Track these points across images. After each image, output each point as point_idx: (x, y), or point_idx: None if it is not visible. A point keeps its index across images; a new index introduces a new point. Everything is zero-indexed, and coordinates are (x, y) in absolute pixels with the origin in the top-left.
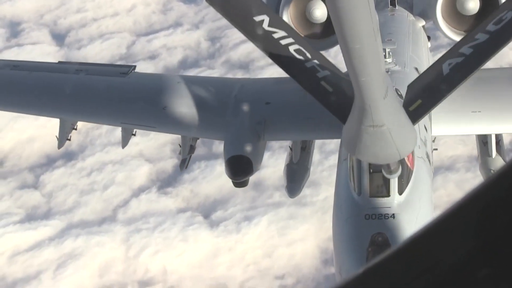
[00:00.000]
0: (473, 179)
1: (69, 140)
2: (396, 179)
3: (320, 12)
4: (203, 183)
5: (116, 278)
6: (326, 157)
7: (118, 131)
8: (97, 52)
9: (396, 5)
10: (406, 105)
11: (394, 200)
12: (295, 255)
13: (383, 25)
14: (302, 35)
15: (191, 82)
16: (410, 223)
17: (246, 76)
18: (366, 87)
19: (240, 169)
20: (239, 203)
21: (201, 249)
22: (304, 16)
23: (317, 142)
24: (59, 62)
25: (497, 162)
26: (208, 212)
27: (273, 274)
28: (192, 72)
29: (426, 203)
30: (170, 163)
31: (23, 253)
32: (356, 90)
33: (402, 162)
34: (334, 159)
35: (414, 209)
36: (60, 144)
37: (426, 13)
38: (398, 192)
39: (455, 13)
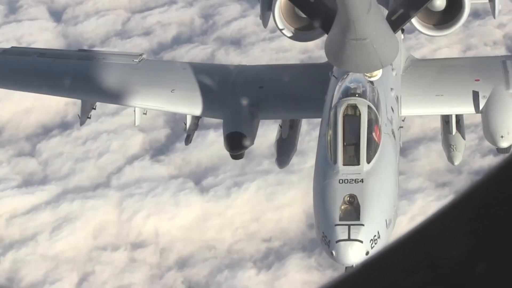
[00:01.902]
0: None
1: (89, 118)
2: (365, 151)
3: None
4: (194, 152)
5: (110, 240)
6: (313, 127)
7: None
8: (93, 29)
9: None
10: (389, 16)
11: (363, 168)
12: (282, 220)
13: None
14: (292, 28)
15: (194, 68)
16: (376, 187)
17: (238, 51)
18: (349, 1)
19: (237, 144)
20: (229, 170)
21: (192, 213)
22: (294, 11)
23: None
24: (79, 50)
25: (457, 139)
26: (199, 178)
27: (260, 237)
28: (185, 48)
29: (390, 172)
30: (163, 133)
31: (20, 216)
32: (339, 3)
33: (369, 137)
34: (318, 120)
35: (380, 176)
36: (82, 122)
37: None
38: (367, 161)
39: (425, 9)
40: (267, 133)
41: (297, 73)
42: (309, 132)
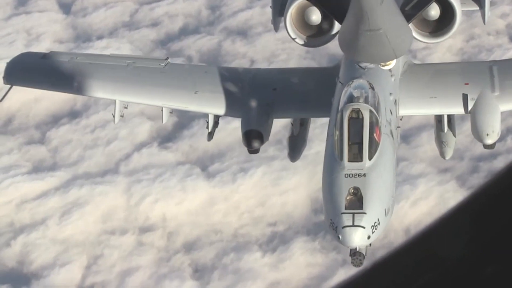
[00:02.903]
0: None
1: (122, 117)
2: (367, 149)
3: (315, 17)
4: (201, 139)
5: (118, 225)
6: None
7: None
8: (102, 20)
9: None
10: (403, 6)
11: (365, 164)
12: (287, 204)
13: None
14: (304, 36)
15: (214, 71)
16: (377, 181)
17: (244, 41)
18: None
19: (254, 140)
20: (235, 156)
21: (199, 198)
22: (303, 20)
23: None
24: (111, 55)
25: (448, 136)
26: (205, 165)
27: (266, 221)
28: (192, 38)
29: (389, 167)
30: (170, 121)
31: (30, 201)
32: None
33: (371, 137)
34: (326, 119)
35: (380, 171)
36: (116, 120)
37: None
38: (368, 158)
39: (421, 19)
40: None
41: (306, 77)
42: (314, 121)
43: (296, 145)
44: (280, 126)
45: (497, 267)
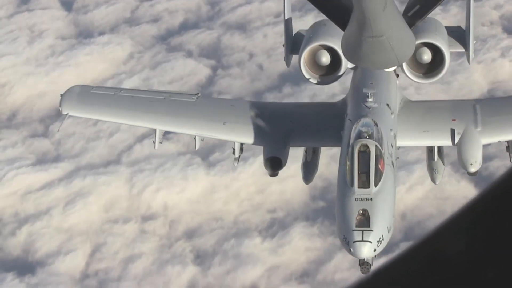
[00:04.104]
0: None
1: (161, 143)
2: (373, 178)
3: (325, 58)
4: None
5: (121, 213)
6: None
7: (123, 85)
8: (103, 17)
9: None
10: (406, 12)
11: (372, 190)
12: (285, 191)
13: (366, 70)
14: (317, 75)
15: (240, 104)
16: (381, 204)
17: (243, 35)
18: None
19: (275, 166)
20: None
21: (199, 187)
22: (315, 61)
23: None
24: (149, 90)
25: (438, 164)
26: (206, 155)
27: (265, 208)
28: (192, 33)
29: (391, 192)
30: None
31: (34, 192)
32: (355, 1)
33: (376, 168)
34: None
35: (384, 196)
36: (156, 146)
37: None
38: (374, 185)
39: (415, 61)
40: None
41: (318, 111)
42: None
43: (309, 170)
44: None
45: (500, 267)
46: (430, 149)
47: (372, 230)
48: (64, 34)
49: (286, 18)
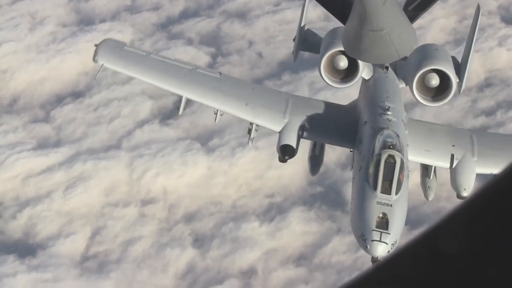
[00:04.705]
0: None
1: (185, 110)
2: (395, 186)
3: (343, 63)
4: (201, 116)
5: (121, 197)
6: (315, 93)
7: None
8: (104, 4)
9: (388, 69)
10: (407, 6)
11: (393, 198)
12: (284, 177)
13: (381, 83)
14: (337, 79)
15: (261, 90)
16: (399, 211)
17: (243, 23)
18: None
19: (288, 153)
20: (235, 132)
21: (198, 172)
22: (333, 66)
23: None
24: (176, 59)
25: (433, 182)
26: (205, 140)
27: (263, 193)
28: (192, 21)
29: (406, 202)
30: (171, 99)
31: (35, 176)
32: None
33: (399, 177)
34: (322, 95)
35: (401, 204)
36: (180, 111)
37: (406, 80)
38: (395, 193)
39: (423, 85)
40: None
41: (330, 110)
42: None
43: (316, 163)
44: None
45: (499, 268)
46: (425, 167)
47: (389, 233)
48: (66, 21)
49: (304, 14)
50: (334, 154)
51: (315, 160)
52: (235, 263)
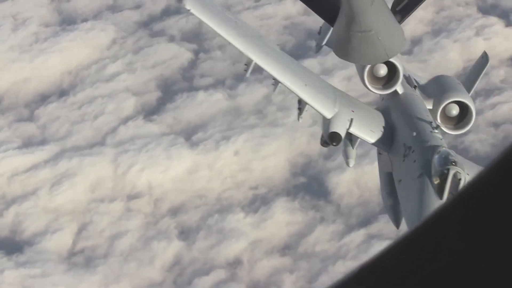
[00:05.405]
0: None
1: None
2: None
3: (383, 71)
4: (185, 111)
5: (106, 193)
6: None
7: (107, 70)
8: (86, 4)
9: (416, 88)
10: (395, 6)
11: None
12: (267, 168)
13: (417, 100)
14: (379, 85)
15: (314, 76)
16: None
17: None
18: None
19: (335, 140)
20: (218, 126)
21: (183, 166)
22: (373, 75)
23: None
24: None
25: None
26: (189, 135)
27: (248, 185)
28: (174, 19)
29: None
30: (155, 95)
31: (21, 173)
32: None
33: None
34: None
35: None
36: (247, 74)
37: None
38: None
39: (445, 116)
40: (253, 91)
41: (371, 112)
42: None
43: (352, 156)
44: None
45: (489, 265)
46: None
47: None
48: (48, 22)
49: None
50: (316, 145)
51: (352, 153)
52: (221, 254)
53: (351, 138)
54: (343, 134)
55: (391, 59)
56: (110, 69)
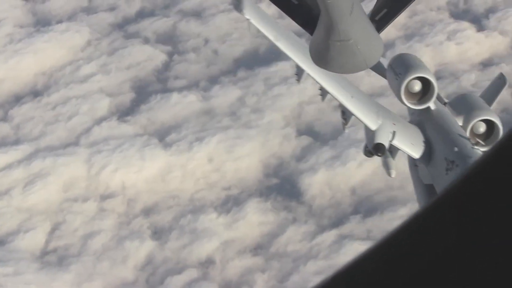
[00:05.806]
0: None
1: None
2: None
3: (417, 87)
4: (159, 112)
5: (80, 193)
6: (269, 88)
7: (81, 71)
8: (61, 6)
9: (446, 105)
10: (373, 15)
11: None
12: (240, 170)
13: (450, 117)
14: (414, 101)
15: (357, 90)
16: None
17: (199, 22)
18: (331, 3)
19: (380, 150)
20: (191, 127)
21: (156, 166)
22: (408, 92)
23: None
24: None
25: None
26: (163, 136)
27: (220, 186)
28: (148, 21)
29: None
30: (128, 97)
31: None
32: (321, 5)
33: None
34: (276, 90)
35: None
36: (299, 81)
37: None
38: None
39: (472, 134)
40: (226, 93)
41: (405, 125)
42: (265, 92)
43: (391, 166)
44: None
45: (474, 264)
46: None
47: None
48: (22, 23)
49: None
50: (289, 146)
51: (391, 164)
52: (194, 254)
53: (391, 149)
54: (387, 145)
55: (425, 75)
56: (85, 70)
